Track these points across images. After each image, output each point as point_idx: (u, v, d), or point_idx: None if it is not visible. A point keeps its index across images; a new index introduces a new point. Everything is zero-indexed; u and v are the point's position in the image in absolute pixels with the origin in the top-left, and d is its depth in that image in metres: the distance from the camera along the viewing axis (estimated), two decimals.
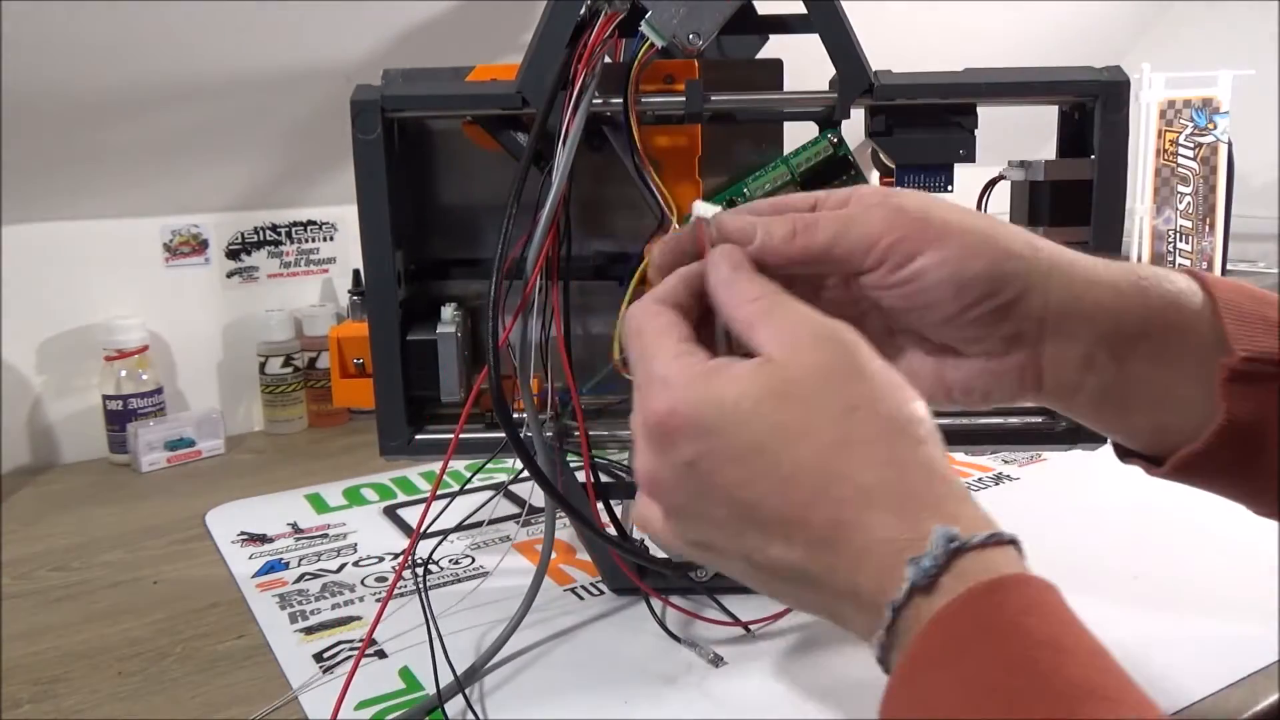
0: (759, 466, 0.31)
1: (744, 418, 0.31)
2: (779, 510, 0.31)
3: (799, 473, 0.30)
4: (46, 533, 0.76)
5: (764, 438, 0.31)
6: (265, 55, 0.85)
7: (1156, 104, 1.06)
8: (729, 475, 0.31)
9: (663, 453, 0.32)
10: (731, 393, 0.31)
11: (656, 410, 0.32)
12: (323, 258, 1.04)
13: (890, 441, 0.31)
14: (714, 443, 0.31)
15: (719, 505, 0.32)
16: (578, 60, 0.48)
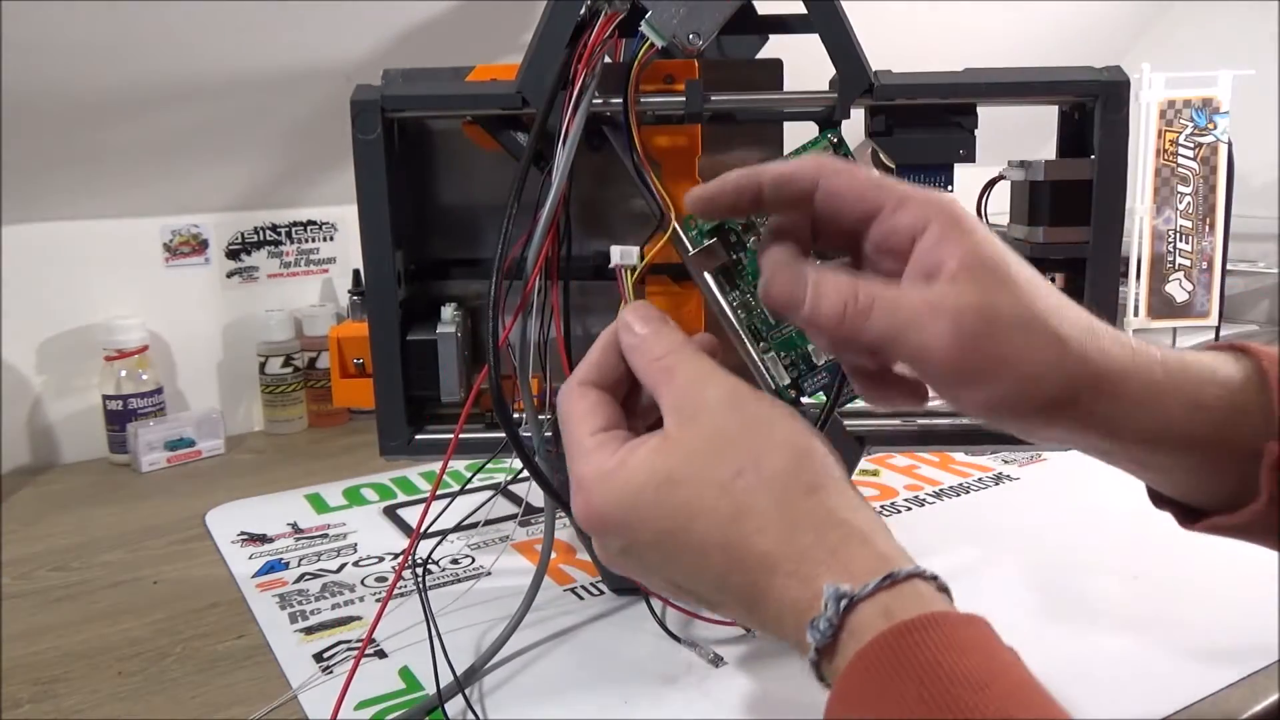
0: (673, 551, 0.34)
1: (647, 510, 0.34)
2: (705, 581, 0.34)
3: (707, 548, 0.33)
4: (46, 533, 0.76)
5: (668, 524, 0.33)
6: (265, 55, 0.85)
7: (1156, 104, 1.06)
8: (654, 558, 0.34)
9: (599, 541, 0.36)
10: (632, 486, 0.34)
11: (579, 512, 0.36)
12: (323, 258, 1.04)
13: (778, 502, 0.33)
14: (631, 535, 0.34)
15: (657, 576, 0.35)
16: (578, 60, 0.48)
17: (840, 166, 0.37)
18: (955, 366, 0.34)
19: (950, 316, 0.34)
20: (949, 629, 0.29)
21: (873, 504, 0.74)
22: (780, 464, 0.33)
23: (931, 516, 0.72)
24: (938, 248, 0.35)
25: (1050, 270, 0.54)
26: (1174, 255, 1.09)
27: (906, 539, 0.33)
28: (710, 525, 0.33)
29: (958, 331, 0.33)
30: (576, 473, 0.36)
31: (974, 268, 0.34)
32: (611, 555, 0.36)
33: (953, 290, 0.34)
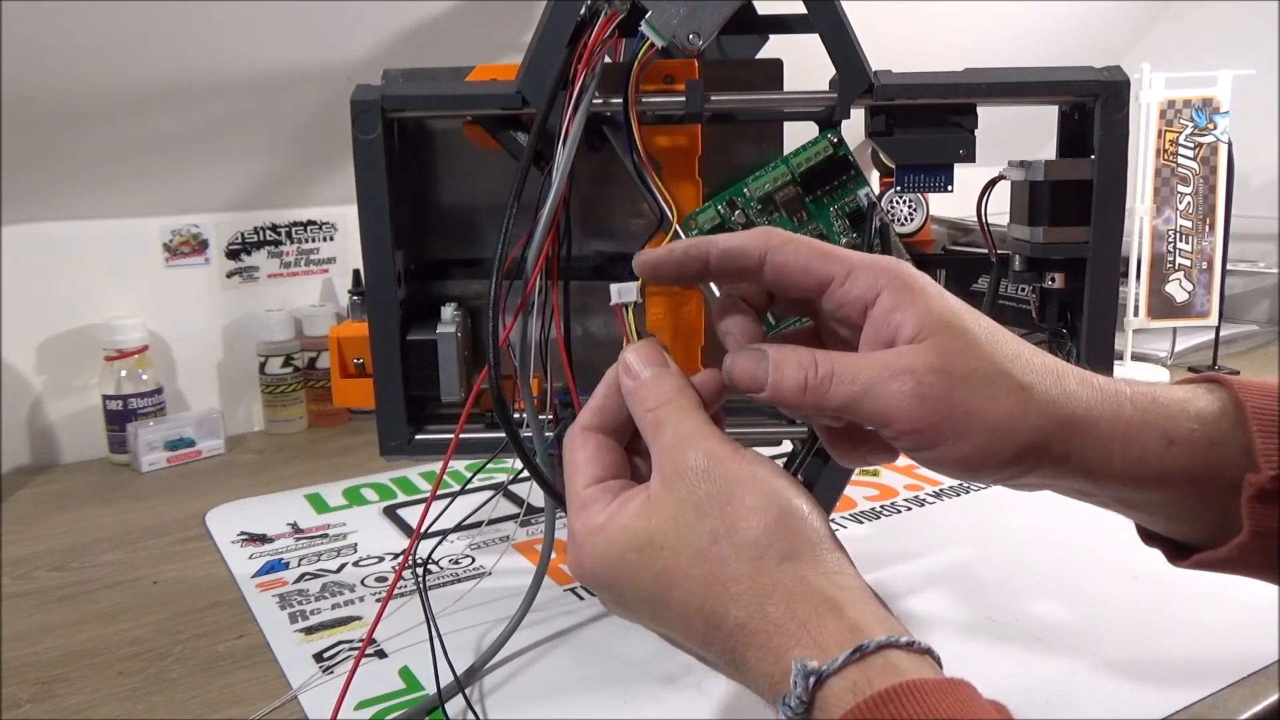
0: (656, 610, 0.35)
1: (630, 571, 0.35)
2: (690, 640, 0.34)
3: (688, 613, 0.34)
4: (46, 533, 0.76)
5: (650, 587, 0.34)
6: (265, 55, 0.85)
7: (1156, 104, 1.06)
8: (642, 614, 0.36)
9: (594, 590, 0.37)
10: (616, 547, 0.35)
11: (571, 566, 0.37)
12: (323, 258, 1.04)
13: (751, 571, 0.33)
14: (616, 594, 0.36)
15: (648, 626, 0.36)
16: (578, 60, 0.48)
17: (786, 240, 0.38)
18: (920, 426, 0.34)
19: (910, 379, 0.34)
20: (923, 697, 0.28)
21: (872, 503, 0.74)
22: (755, 531, 0.33)
23: (931, 516, 0.72)
24: (891, 315, 0.36)
25: (1050, 270, 0.54)
26: (1174, 255, 1.09)
27: (906, 539, 0.33)
28: (689, 591, 0.33)
29: (918, 393, 0.34)
30: (570, 525, 0.37)
31: (929, 329, 0.35)
32: (606, 602, 0.37)
33: (909, 353, 0.35)
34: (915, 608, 0.58)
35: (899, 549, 0.66)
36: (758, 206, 0.53)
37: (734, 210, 0.53)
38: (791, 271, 0.38)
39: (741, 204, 0.53)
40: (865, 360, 0.35)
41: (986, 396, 0.34)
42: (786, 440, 0.58)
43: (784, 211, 0.53)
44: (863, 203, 0.53)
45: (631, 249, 0.54)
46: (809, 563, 0.33)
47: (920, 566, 0.63)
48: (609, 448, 0.38)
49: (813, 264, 0.37)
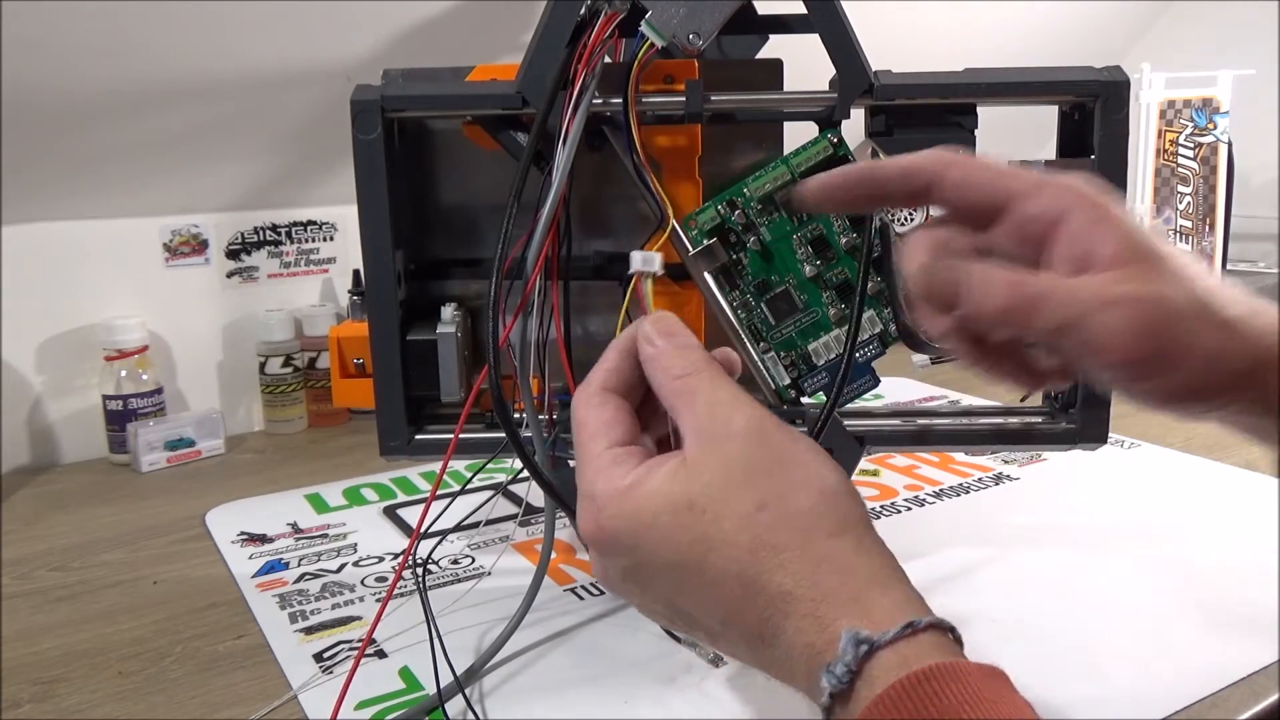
0: (685, 578, 0.32)
1: (663, 534, 0.33)
2: (713, 613, 0.33)
3: (723, 579, 0.32)
4: (46, 533, 0.76)
5: (684, 551, 0.32)
6: (265, 55, 0.85)
7: (1156, 104, 1.06)
8: (661, 583, 0.33)
9: (602, 559, 0.35)
10: (649, 509, 0.33)
11: (586, 527, 0.34)
12: (323, 258, 1.04)
13: (802, 540, 0.32)
14: (640, 557, 0.33)
15: (661, 604, 0.34)
16: (578, 60, 0.48)
17: (964, 157, 0.37)
18: (1136, 358, 0.32)
19: (1128, 308, 0.32)
20: (969, 681, 0.28)
21: (871, 503, 0.74)
22: (806, 502, 0.32)
23: (931, 516, 0.72)
24: (1084, 235, 0.34)
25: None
26: None
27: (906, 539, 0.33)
28: (728, 557, 0.32)
29: (1136, 323, 0.32)
30: (590, 487, 0.35)
31: (1130, 254, 0.33)
32: (611, 575, 0.35)
33: (1125, 278, 0.33)
34: None
35: (899, 549, 0.65)
36: (758, 206, 0.53)
37: (734, 210, 0.53)
38: (973, 187, 0.36)
39: (741, 204, 0.53)
40: (1076, 285, 0.33)
41: (1195, 330, 0.32)
42: None
43: (784, 211, 0.53)
44: None
45: (631, 249, 0.54)
46: (855, 539, 0.32)
47: (920, 566, 0.63)
48: (626, 412, 0.37)
49: (995, 179, 0.36)
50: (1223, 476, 0.78)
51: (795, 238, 0.53)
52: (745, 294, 0.54)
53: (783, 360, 0.55)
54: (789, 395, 0.55)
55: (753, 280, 0.53)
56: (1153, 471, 0.80)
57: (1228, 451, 0.83)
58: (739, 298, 0.54)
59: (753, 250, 0.53)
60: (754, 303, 0.54)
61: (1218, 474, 0.79)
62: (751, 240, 0.53)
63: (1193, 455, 0.83)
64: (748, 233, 0.53)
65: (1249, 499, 0.73)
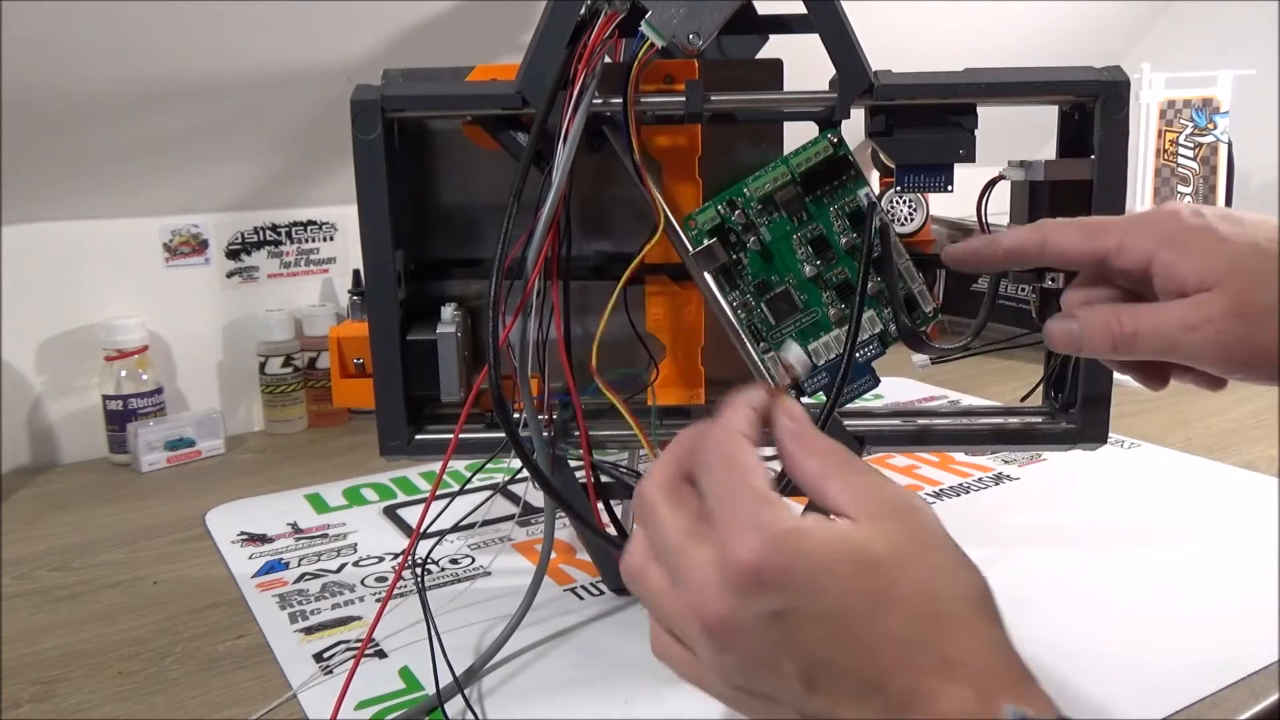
0: (847, 630, 0.31)
1: (838, 581, 0.31)
2: (859, 674, 0.31)
3: (885, 640, 0.31)
4: (46, 533, 0.76)
5: (856, 602, 0.31)
6: (265, 55, 0.85)
7: (1156, 104, 1.06)
8: (813, 635, 0.31)
9: (746, 599, 0.31)
10: (827, 553, 0.32)
11: (748, 557, 0.31)
12: (323, 258, 1.04)
13: (972, 618, 0.32)
14: (805, 600, 0.31)
15: (794, 661, 0.31)
16: (578, 60, 0.48)
17: (1056, 229, 0.44)
18: (1229, 368, 0.39)
19: (1209, 329, 0.38)
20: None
21: None
22: (974, 584, 0.33)
23: None
24: (1172, 272, 0.40)
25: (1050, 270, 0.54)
26: None
27: None
28: (901, 619, 0.31)
29: (1220, 340, 0.38)
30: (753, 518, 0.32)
31: (1213, 276, 0.39)
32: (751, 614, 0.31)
33: (1204, 303, 0.39)
34: None
35: None
36: (758, 206, 0.53)
37: (734, 210, 0.53)
38: (1069, 256, 0.43)
39: (741, 204, 0.53)
40: (1163, 315, 0.40)
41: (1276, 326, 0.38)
42: None
43: (784, 211, 0.53)
44: (863, 203, 0.52)
45: (631, 249, 0.54)
46: (1004, 631, 0.33)
47: None
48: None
49: (1084, 245, 0.42)
50: (1223, 476, 0.78)
51: (795, 238, 0.53)
52: (745, 294, 0.54)
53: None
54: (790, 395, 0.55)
55: (753, 280, 0.53)
56: (1153, 471, 0.80)
57: (1228, 451, 0.83)
58: (739, 298, 0.54)
59: (753, 250, 0.53)
60: (754, 303, 0.54)
61: (1218, 474, 0.79)
62: (751, 240, 0.53)
63: (1193, 455, 0.83)
64: (748, 233, 0.53)
65: (1249, 499, 0.73)
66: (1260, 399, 0.96)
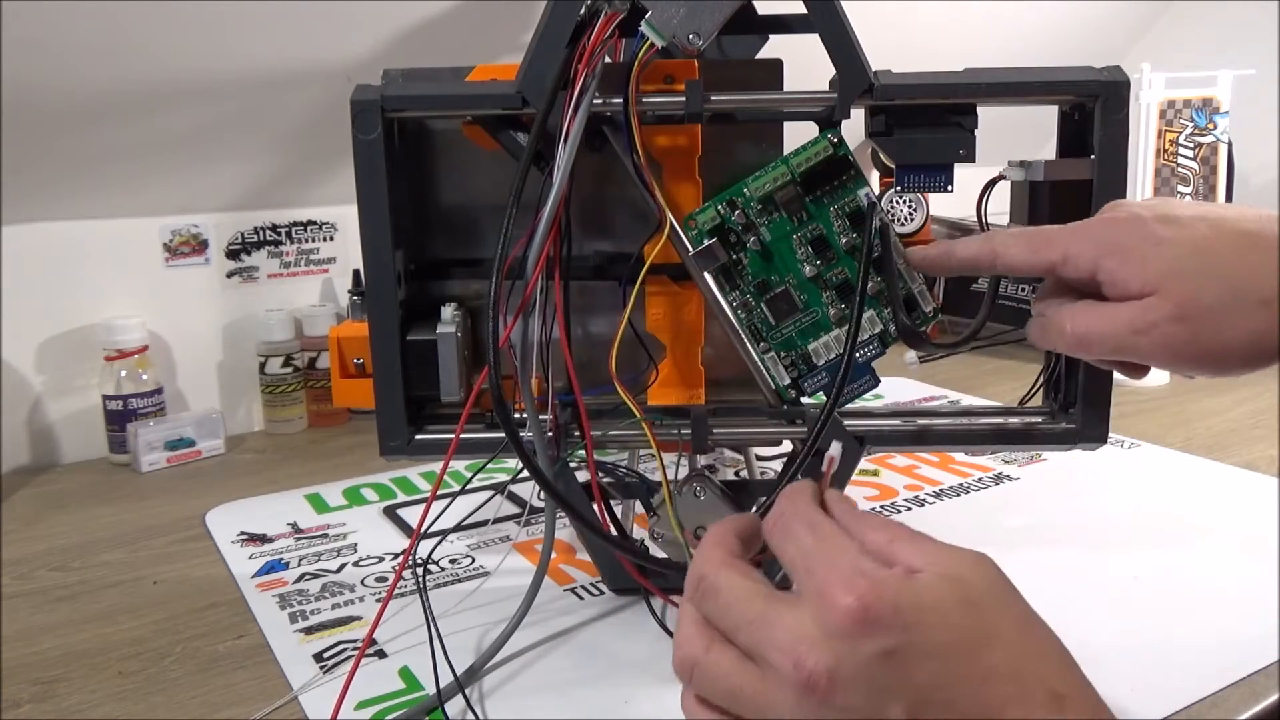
0: (957, 667, 0.31)
1: (944, 619, 0.32)
2: (970, 711, 0.31)
3: (994, 676, 0.31)
4: (46, 533, 0.76)
5: (963, 639, 0.31)
6: (265, 55, 0.85)
7: (1156, 104, 1.06)
8: (925, 672, 0.31)
9: (853, 643, 0.31)
10: (933, 596, 0.32)
11: (854, 600, 0.31)
12: (323, 258, 1.04)
13: (1062, 656, 0.33)
14: (915, 638, 0.31)
15: (904, 701, 0.31)
16: (578, 60, 0.48)
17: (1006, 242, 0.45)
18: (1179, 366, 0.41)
19: (1155, 333, 0.40)
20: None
21: (871, 504, 0.74)
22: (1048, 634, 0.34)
23: (931, 516, 0.72)
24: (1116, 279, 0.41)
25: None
26: None
27: None
28: (1006, 655, 0.32)
29: (1166, 343, 0.40)
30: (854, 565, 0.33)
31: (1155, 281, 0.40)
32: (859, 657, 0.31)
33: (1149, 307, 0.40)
34: None
35: None
36: (758, 206, 0.53)
37: (734, 210, 0.53)
38: (1018, 268, 0.45)
39: (741, 204, 0.53)
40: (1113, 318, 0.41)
41: (1232, 324, 0.39)
42: (786, 440, 0.58)
43: (784, 211, 0.53)
44: (863, 203, 0.52)
45: (631, 249, 0.54)
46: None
47: None
48: None
49: (1032, 258, 0.44)
50: (1223, 476, 0.78)
51: (795, 238, 0.53)
52: (745, 294, 0.54)
53: (783, 360, 0.55)
54: (789, 395, 0.55)
55: (753, 280, 0.53)
56: (1153, 471, 0.80)
57: (1228, 451, 0.83)
58: (739, 298, 0.54)
59: (753, 250, 0.53)
60: (754, 303, 0.54)
61: (1218, 474, 0.79)
62: (751, 240, 0.53)
63: (1193, 455, 0.83)
64: (748, 233, 0.53)
65: (1249, 499, 0.73)
66: (1260, 399, 0.96)
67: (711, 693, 0.34)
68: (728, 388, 0.58)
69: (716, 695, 0.34)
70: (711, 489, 0.56)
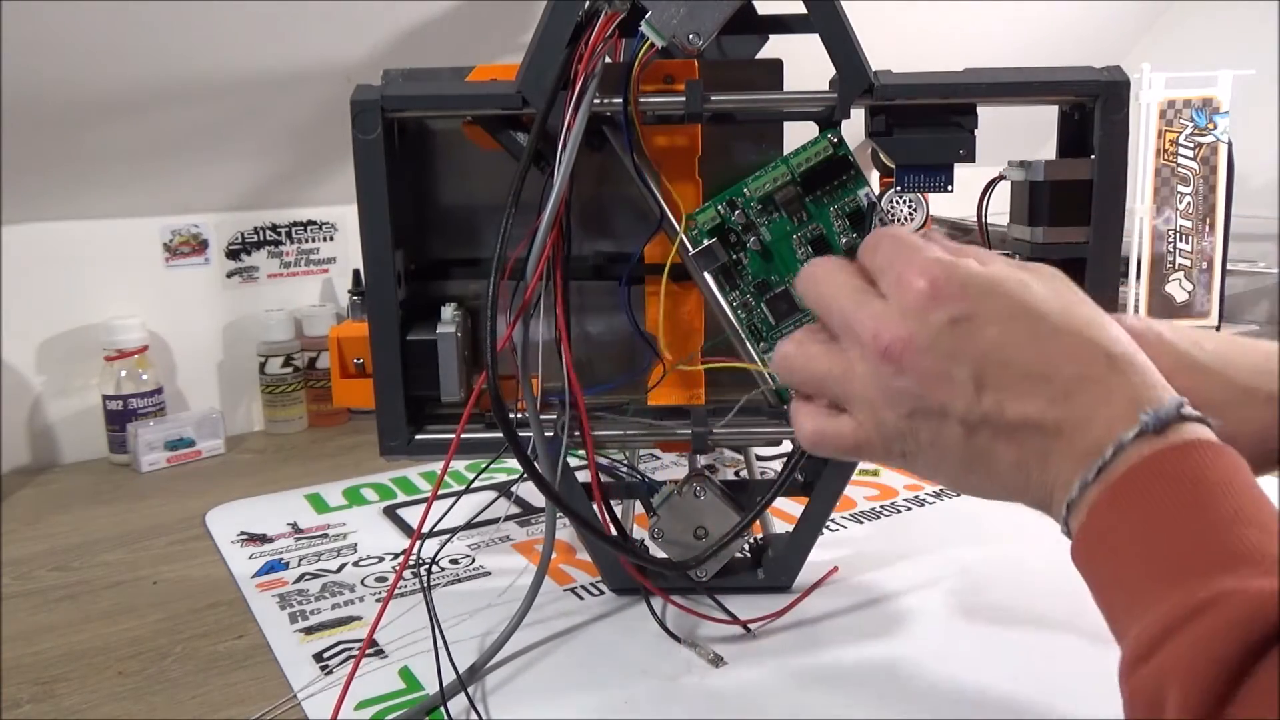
0: (1022, 328, 0.34)
1: (1012, 289, 0.35)
2: (1031, 367, 0.34)
3: (1057, 336, 0.34)
4: (46, 533, 0.76)
5: (1029, 305, 0.35)
6: (265, 55, 0.85)
7: (1156, 104, 1.06)
8: (990, 334, 0.34)
9: (924, 315, 0.35)
10: (997, 274, 0.35)
11: (929, 278, 0.35)
12: (323, 258, 1.04)
13: (1122, 334, 0.35)
14: (983, 304, 0.35)
15: (968, 364, 0.34)
16: (578, 60, 0.48)
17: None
18: None
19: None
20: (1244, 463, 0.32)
21: (871, 503, 0.74)
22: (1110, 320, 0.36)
23: (932, 516, 0.72)
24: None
25: None
26: (1174, 255, 1.09)
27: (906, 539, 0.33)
28: (1070, 320, 0.35)
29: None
30: (931, 254, 0.36)
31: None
32: (930, 327, 0.35)
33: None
34: (915, 607, 0.58)
35: (899, 549, 0.66)
36: (758, 206, 0.53)
37: (734, 210, 0.53)
38: None
39: (741, 204, 0.53)
40: None
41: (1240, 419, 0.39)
42: (786, 441, 0.58)
43: (784, 211, 0.53)
44: (863, 203, 0.53)
45: (631, 249, 0.54)
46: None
47: (920, 566, 0.63)
48: None
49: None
50: None
51: (795, 238, 0.53)
52: (745, 294, 0.54)
53: None
54: (789, 395, 0.55)
55: (753, 280, 0.53)
56: None
57: None
58: (739, 298, 0.54)
59: (753, 250, 0.53)
60: (754, 303, 0.54)
61: None
62: (751, 240, 0.53)
63: None
64: (748, 233, 0.53)
65: None
66: None
67: (804, 380, 0.39)
68: (728, 388, 0.58)
69: (809, 383, 0.39)
70: (711, 489, 0.56)
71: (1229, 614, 0.27)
